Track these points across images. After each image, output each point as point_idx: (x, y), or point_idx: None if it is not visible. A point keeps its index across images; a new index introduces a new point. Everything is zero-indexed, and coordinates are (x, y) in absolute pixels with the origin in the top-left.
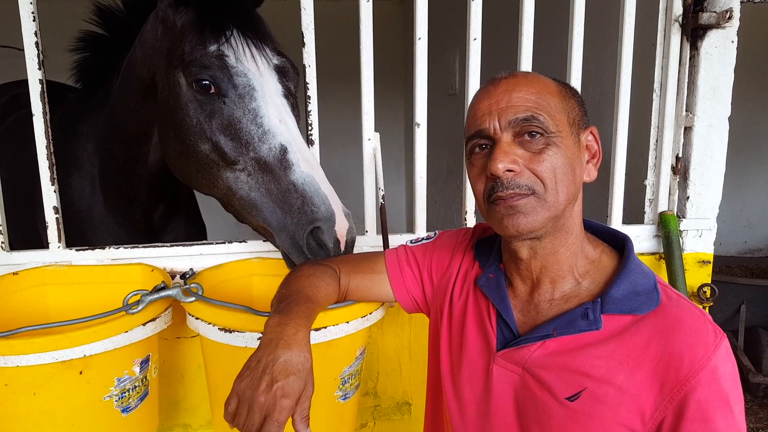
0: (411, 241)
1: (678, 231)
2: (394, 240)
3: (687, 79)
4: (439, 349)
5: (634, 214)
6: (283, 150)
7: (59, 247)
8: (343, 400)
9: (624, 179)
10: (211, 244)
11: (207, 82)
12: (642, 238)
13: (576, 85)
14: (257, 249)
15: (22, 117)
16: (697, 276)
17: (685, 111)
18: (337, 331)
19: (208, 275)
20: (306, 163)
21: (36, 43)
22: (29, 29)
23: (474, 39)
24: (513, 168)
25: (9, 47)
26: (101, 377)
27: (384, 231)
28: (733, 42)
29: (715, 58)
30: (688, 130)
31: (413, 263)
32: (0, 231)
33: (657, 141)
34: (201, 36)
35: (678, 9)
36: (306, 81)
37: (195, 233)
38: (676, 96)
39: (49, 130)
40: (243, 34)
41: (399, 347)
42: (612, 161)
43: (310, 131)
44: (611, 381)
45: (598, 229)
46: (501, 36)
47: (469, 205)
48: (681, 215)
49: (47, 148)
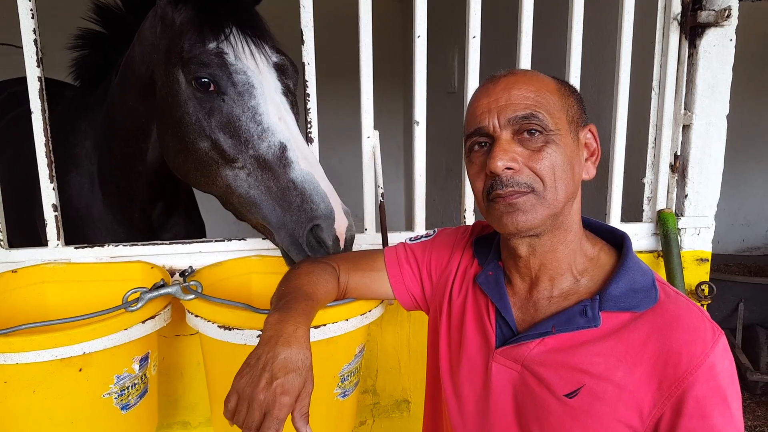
0: (410, 239)
1: (676, 229)
2: (393, 238)
3: (685, 78)
4: (438, 347)
5: (632, 212)
6: (283, 148)
7: (58, 245)
8: (343, 397)
9: (623, 177)
10: (210, 241)
11: (206, 79)
12: (640, 236)
13: (575, 84)
14: (256, 247)
15: (20, 115)
16: (696, 274)
17: (684, 109)
18: (337, 329)
19: (207, 273)
20: (305, 161)
21: (35, 41)
22: (28, 27)
23: (473, 37)
24: (512, 166)
25: (7, 45)
26: (100, 375)
27: (383, 229)
28: (732, 40)
29: (714, 56)
30: (686, 128)
31: (412, 261)
32: None
33: (655, 139)
34: (200, 33)
35: (677, 7)
36: (305, 79)
37: (194, 231)
38: (674, 94)
39: (48, 127)
40: (242, 31)
41: (398, 345)
42: (611, 159)
43: (309, 129)
44: (610, 378)
45: (596, 227)
46: (500, 34)
47: (468, 203)
48: (679, 213)
49: (46, 145)
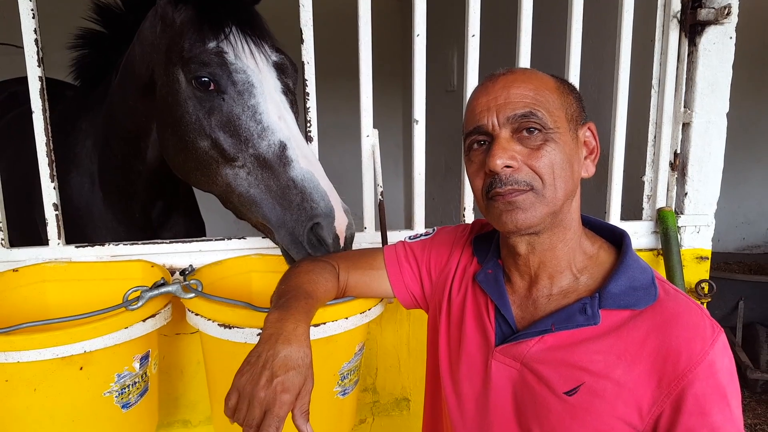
0: (409, 238)
1: (676, 227)
2: (392, 236)
3: (685, 76)
4: (438, 345)
5: (632, 210)
6: (282, 146)
7: (59, 244)
8: (342, 395)
9: (622, 175)
10: (210, 240)
11: (206, 78)
12: (640, 234)
13: (574, 82)
14: (256, 245)
15: (21, 114)
16: (695, 272)
17: (684, 107)
18: (337, 327)
19: (207, 272)
20: (305, 160)
21: (35, 41)
22: (29, 26)
23: (472, 36)
24: (511, 164)
25: (8, 45)
26: (101, 373)
27: (383, 227)
28: (732, 38)
29: (714, 54)
30: (686, 126)
31: (412, 259)
32: (0, 228)
33: (655, 137)
34: (200, 33)
35: (676, 5)
36: (305, 78)
37: (194, 230)
38: (674, 92)
39: (49, 127)
40: (242, 31)
41: (398, 343)
42: (610, 157)
43: (308, 128)
44: (609, 375)
45: (596, 225)
46: (500, 33)
47: (468, 202)
48: (679, 211)
49: (47, 145)
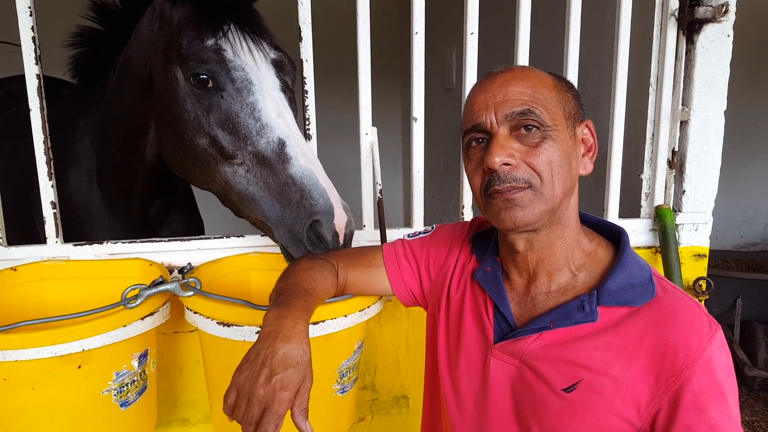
0: (408, 235)
1: (674, 225)
2: (391, 234)
3: (683, 73)
4: (437, 343)
5: (630, 207)
6: (281, 144)
7: (57, 242)
8: (341, 393)
9: (620, 173)
10: (209, 238)
11: (205, 76)
12: (638, 231)
13: (573, 79)
14: (255, 243)
15: (18, 112)
16: (693, 269)
17: (681, 105)
18: (336, 325)
19: (206, 270)
20: (304, 157)
21: (33, 38)
22: (26, 24)
23: (471, 33)
24: (509, 161)
25: (6, 43)
26: (100, 371)
27: (381, 225)
28: (729, 36)
29: (711, 52)
30: (684, 124)
31: (411, 257)
32: None
33: (653, 135)
34: (198, 30)
35: (674, 3)
36: (303, 76)
37: (192, 228)
38: (672, 90)
39: (47, 125)
40: (240, 28)
41: (397, 341)
42: (608, 155)
43: (307, 126)
44: (607, 372)
45: (594, 222)
46: (498, 30)
47: (466, 200)
48: (677, 209)
49: (44, 143)
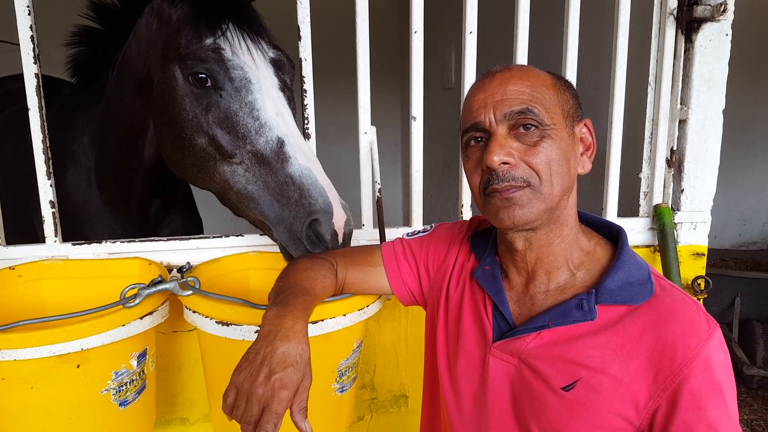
0: (407, 234)
1: (672, 223)
2: (390, 233)
3: (682, 72)
4: (436, 342)
5: (629, 206)
6: (280, 143)
7: (56, 242)
8: (341, 392)
9: (619, 172)
10: (208, 238)
11: (203, 75)
12: (637, 230)
13: (571, 79)
14: (254, 243)
15: (17, 112)
16: (692, 268)
17: (680, 104)
18: (335, 324)
19: (205, 269)
20: (303, 156)
21: (31, 37)
22: (24, 23)
23: (470, 33)
24: (508, 160)
25: (4, 42)
26: (98, 371)
27: (381, 224)
28: (728, 35)
29: (710, 51)
30: (682, 123)
31: (410, 256)
32: None
33: (652, 134)
34: (197, 29)
35: (673, 2)
36: (302, 75)
37: (191, 227)
38: (670, 89)
39: (45, 124)
40: (239, 27)
41: (396, 340)
42: (607, 154)
43: (306, 125)
44: (606, 371)
45: (592, 221)
46: (497, 30)
47: (465, 199)
48: (676, 208)
49: (43, 142)
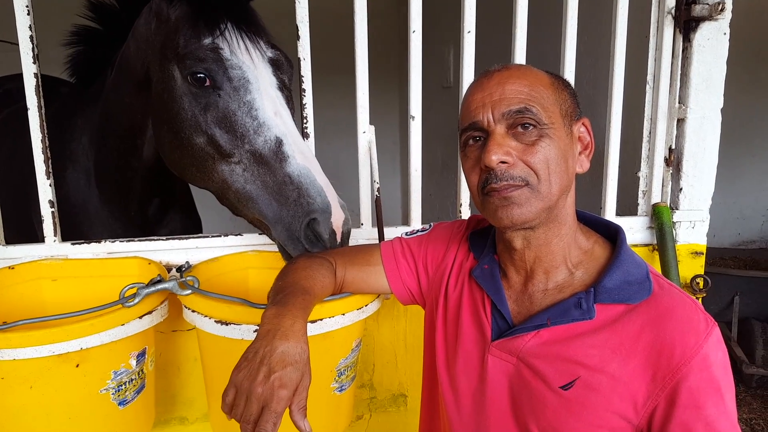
0: (406, 234)
1: (671, 222)
2: (389, 233)
3: (680, 71)
4: (435, 341)
5: (627, 205)
6: (279, 142)
7: (55, 241)
8: (340, 391)
9: (617, 171)
10: (207, 237)
11: (202, 74)
12: (635, 229)
13: (569, 78)
14: (253, 242)
15: (16, 111)
16: (691, 267)
17: (678, 103)
18: (334, 323)
19: (204, 268)
20: (301, 155)
21: (31, 37)
22: (24, 23)
23: (468, 32)
24: (506, 160)
25: (3, 42)
26: (98, 370)
27: (379, 224)
28: (726, 34)
29: (708, 50)
30: (681, 122)
31: (408, 255)
32: None
33: (650, 133)
34: (195, 29)
35: (671, 1)
36: (301, 74)
37: (190, 227)
38: (669, 88)
39: (44, 124)
40: (237, 26)
41: (395, 339)
42: (605, 153)
43: (305, 124)
44: (604, 370)
45: (591, 220)
46: (495, 29)
47: (464, 198)
48: (674, 207)
49: (42, 142)
